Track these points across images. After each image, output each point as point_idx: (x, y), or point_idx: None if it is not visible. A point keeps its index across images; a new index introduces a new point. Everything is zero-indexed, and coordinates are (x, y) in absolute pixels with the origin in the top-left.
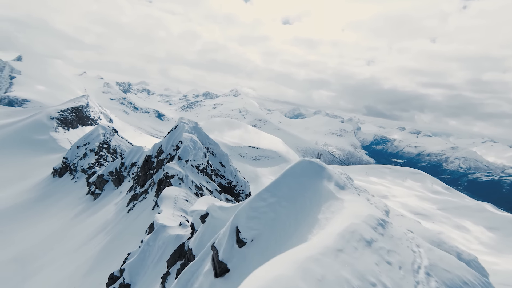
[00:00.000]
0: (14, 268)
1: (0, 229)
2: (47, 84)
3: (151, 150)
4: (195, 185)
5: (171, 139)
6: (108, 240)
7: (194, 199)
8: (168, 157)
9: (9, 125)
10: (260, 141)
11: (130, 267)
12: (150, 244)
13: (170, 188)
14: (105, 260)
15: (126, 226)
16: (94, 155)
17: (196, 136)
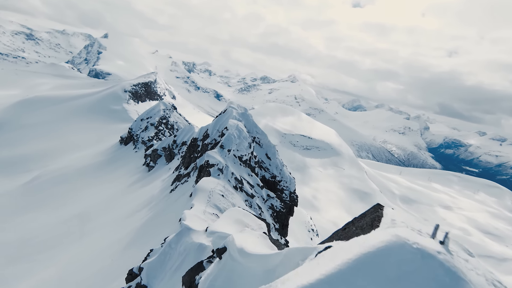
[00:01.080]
0: (76, 224)
1: (75, 185)
2: (125, 60)
3: (197, 133)
4: (235, 178)
5: (218, 124)
6: (149, 217)
7: (231, 194)
8: (213, 142)
9: (92, 94)
10: (312, 131)
11: (148, 267)
12: (172, 247)
13: (207, 179)
14: (141, 238)
15: (166, 207)
16: (153, 129)
17: (243, 123)
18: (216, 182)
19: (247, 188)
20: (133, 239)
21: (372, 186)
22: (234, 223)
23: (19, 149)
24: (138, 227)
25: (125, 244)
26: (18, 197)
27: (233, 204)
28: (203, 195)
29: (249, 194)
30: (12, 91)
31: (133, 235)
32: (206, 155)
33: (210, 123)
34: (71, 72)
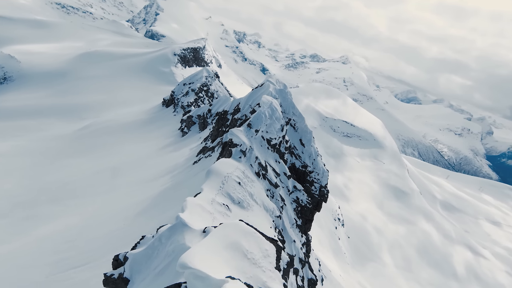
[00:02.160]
0: (107, 177)
1: (116, 139)
2: (180, 23)
3: (229, 105)
4: (259, 163)
5: (251, 99)
6: (167, 187)
7: (251, 182)
8: (243, 118)
9: (145, 54)
10: (356, 118)
11: (133, 259)
12: (162, 242)
13: (225, 161)
14: (152, 210)
15: (184, 180)
16: (193, 95)
17: (279, 102)
18: (235, 165)
19: (271, 176)
20: (146, 208)
21: (412, 185)
22: (227, 249)
23: (77, 98)
24: (154, 195)
25: (139, 210)
26: (68, 142)
27: (250, 194)
28: (217, 179)
29: (272, 183)
30: (77, 43)
31: (148, 203)
32: (229, 132)
33: (243, 96)
34: (129, 31)
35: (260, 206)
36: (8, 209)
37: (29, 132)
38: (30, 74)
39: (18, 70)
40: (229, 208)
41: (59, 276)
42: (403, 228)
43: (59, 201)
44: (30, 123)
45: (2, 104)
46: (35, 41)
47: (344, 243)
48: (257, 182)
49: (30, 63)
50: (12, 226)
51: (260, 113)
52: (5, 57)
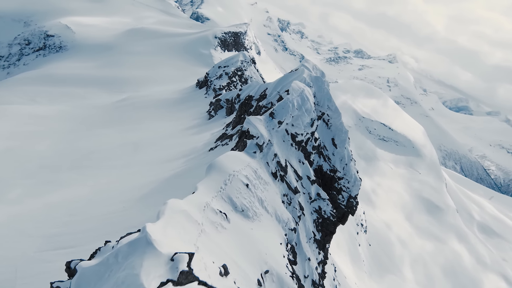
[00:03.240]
0: (128, 151)
1: (147, 114)
2: (225, 7)
3: (255, 90)
4: (278, 162)
5: (280, 84)
6: (177, 172)
7: (264, 184)
8: (268, 105)
9: (187, 35)
10: (396, 122)
11: (81, 275)
12: (119, 261)
13: (234, 155)
14: (156, 195)
15: (197, 167)
16: (227, 79)
17: (313, 91)
18: (246, 162)
19: (291, 179)
20: (149, 192)
21: (448, 201)
22: None
23: (120, 71)
24: (162, 179)
25: (142, 194)
26: (105, 112)
27: (260, 200)
28: (218, 178)
29: (292, 188)
30: (126, 19)
31: (153, 186)
32: (246, 121)
33: (272, 82)
34: (175, 11)
35: (271, 215)
36: (35, 171)
37: (75, 99)
38: (82, 45)
39: (72, 40)
40: (227, 217)
41: (44, 255)
42: (430, 244)
43: (78, 169)
44: (77, 91)
45: (55, 71)
46: (89, 14)
47: (364, 250)
48: (272, 184)
49: (83, 35)
50: (31, 188)
51: (286, 102)
52: (63, 28)
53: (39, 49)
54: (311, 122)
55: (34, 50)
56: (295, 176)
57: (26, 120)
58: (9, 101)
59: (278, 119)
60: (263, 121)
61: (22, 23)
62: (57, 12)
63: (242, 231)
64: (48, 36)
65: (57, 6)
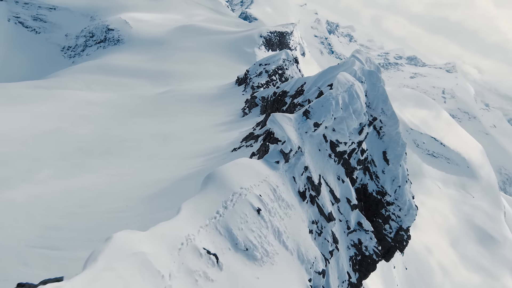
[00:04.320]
0: (157, 142)
1: (184, 107)
2: (273, 8)
3: (291, 84)
4: (309, 178)
5: (323, 78)
6: (193, 172)
7: (286, 208)
8: (305, 103)
9: (233, 33)
10: (449, 137)
11: None
12: None
13: (248, 163)
14: (162, 198)
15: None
16: (266, 77)
17: (364, 89)
18: (262, 175)
19: (325, 202)
20: (157, 193)
21: (506, 233)
22: None
23: (167, 65)
24: (176, 178)
25: (150, 193)
26: (148, 102)
27: (277, 231)
28: (216, 196)
29: (324, 213)
30: (177, 16)
31: (164, 186)
32: (270, 119)
33: (312, 75)
34: (224, 9)
35: (292, 252)
36: (70, 153)
37: (124, 88)
38: (137, 39)
39: (129, 34)
40: (219, 262)
41: (30, 251)
42: (478, 278)
43: (107, 156)
44: (127, 81)
45: (111, 62)
46: (146, 10)
47: (399, 273)
48: (297, 208)
49: (139, 30)
50: (60, 170)
51: (328, 98)
52: (122, 22)
53: (101, 41)
54: (360, 128)
55: (96, 42)
56: (330, 198)
57: (77, 105)
58: (68, 86)
59: (315, 120)
60: (294, 121)
61: (89, 17)
62: (119, 8)
63: (241, 284)
64: (109, 29)
65: (120, 3)
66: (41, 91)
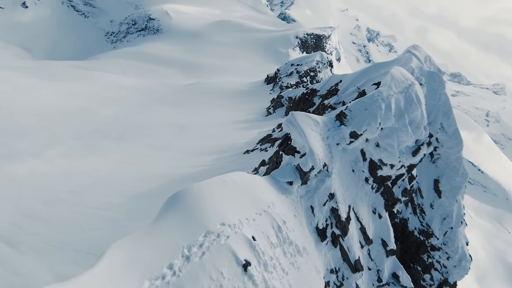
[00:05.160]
0: (172, 133)
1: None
2: (313, 11)
3: (321, 83)
4: (334, 210)
5: (365, 76)
6: (197, 171)
7: (294, 257)
8: (338, 106)
9: (269, 32)
10: (488, 163)
11: None
12: None
13: (243, 181)
14: (150, 200)
15: (217, 172)
16: (297, 78)
17: (423, 94)
18: (265, 203)
19: (352, 244)
20: (151, 191)
21: None
22: None
23: (200, 58)
24: (178, 176)
25: (142, 191)
26: (176, 92)
27: None
28: (178, 235)
29: (349, 261)
30: (216, 10)
31: (161, 184)
32: (288, 118)
33: (349, 74)
34: (263, 8)
35: None
36: (87, 133)
37: (156, 76)
38: (175, 30)
39: (168, 25)
40: None
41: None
42: None
43: (120, 141)
44: (160, 70)
45: (148, 50)
46: (187, 3)
47: None
48: (312, 253)
49: (178, 21)
50: (72, 149)
51: (375, 99)
52: (163, 13)
53: (141, 29)
54: (415, 147)
55: (137, 30)
56: (360, 238)
57: (108, 87)
58: (105, 69)
59: (353, 129)
60: (322, 126)
61: (134, 6)
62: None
63: None
64: (150, 19)
65: None
66: (80, 71)
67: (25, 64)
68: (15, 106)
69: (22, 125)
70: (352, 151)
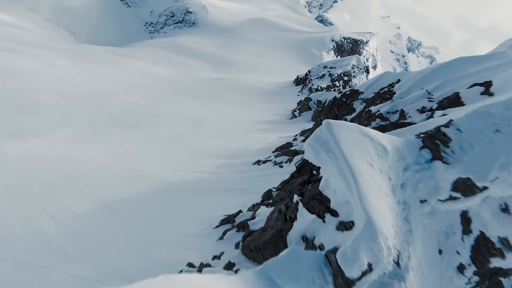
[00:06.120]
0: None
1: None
2: (353, 16)
3: (367, 83)
4: None
5: (443, 73)
6: (194, 180)
7: None
8: (394, 115)
9: (304, 33)
10: None
11: None
12: None
13: None
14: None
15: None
16: (329, 81)
17: None
18: None
19: None
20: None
21: None
22: None
23: (231, 54)
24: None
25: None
26: (202, 85)
27: None
28: None
29: None
30: (252, 7)
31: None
32: (314, 137)
33: (412, 72)
34: (301, 9)
35: None
36: (101, 118)
37: (186, 68)
38: (211, 24)
39: (204, 19)
40: None
41: None
42: None
43: (130, 129)
44: (191, 62)
45: (182, 42)
46: None
47: None
48: None
49: (214, 16)
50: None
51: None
52: (201, 7)
53: (178, 22)
54: None
55: (174, 22)
56: None
57: (137, 74)
58: (138, 57)
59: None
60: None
61: None
62: None
63: None
64: (188, 12)
65: None
66: (114, 57)
67: (66, 45)
68: (41, 84)
69: (41, 103)
70: (445, 215)
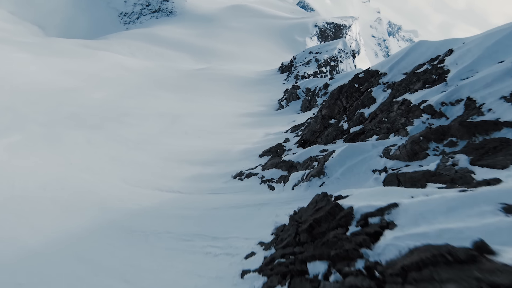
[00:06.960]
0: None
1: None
2: (334, 1)
3: (389, 58)
4: None
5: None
6: (161, 202)
7: None
8: (455, 106)
9: (286, 19)
10: None
11: None
12: None
13: None
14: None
15: (202, 220)
16: (315, 67)
17: None
18: None
19: None
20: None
21: None
22: None
23: (212, 43)
24: (122, 212)
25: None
26: (181, 77)
27: None
28: None
29: None
30: None
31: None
32: None
33: (470, 37)
34: None
35: None
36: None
37: (164, 59)
38: (189, 13)
39: (182, 7)
40: None
41: None
42: None
43: (94, 131)
44: (170, 53)
45: (160, 32)
46: None
47: None
48: None
49: (192, 3)
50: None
51: None
52: None
53: (155, 11)
54: None
55: (150, 12)
56: None
57: (109, 67)
58: (113, 50)
59: None
60: None
61: None
62: None
63: None
64: (165, 0)
65: None
66: (85, 50)
67: (31, 40)
68: None
69: None
70: None
